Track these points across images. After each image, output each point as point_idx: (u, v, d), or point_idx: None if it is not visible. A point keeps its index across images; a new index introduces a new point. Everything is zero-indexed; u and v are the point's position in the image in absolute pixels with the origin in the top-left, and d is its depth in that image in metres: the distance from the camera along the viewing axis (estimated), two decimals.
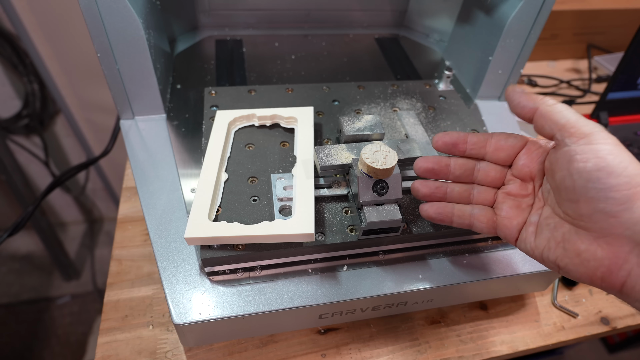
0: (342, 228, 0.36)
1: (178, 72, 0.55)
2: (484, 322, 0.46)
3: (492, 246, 0.40)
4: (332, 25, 0.69)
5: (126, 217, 0.53)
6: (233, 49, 0.61)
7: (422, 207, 0.34)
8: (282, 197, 0.36)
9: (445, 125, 0.47)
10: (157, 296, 0.45)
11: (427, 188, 0.33)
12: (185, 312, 0.33)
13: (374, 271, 0.37)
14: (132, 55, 0.42)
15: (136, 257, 0.49)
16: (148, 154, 0.44)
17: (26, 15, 0.79)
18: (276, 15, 0.66)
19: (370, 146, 0.33)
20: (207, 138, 0.42)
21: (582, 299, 0.50)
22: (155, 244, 0.37)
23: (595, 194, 0.24)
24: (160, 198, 0.40)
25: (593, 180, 0.24)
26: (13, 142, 0.99)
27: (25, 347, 1.13)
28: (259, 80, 0.56)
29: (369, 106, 0.48)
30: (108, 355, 0.40)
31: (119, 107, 0.46)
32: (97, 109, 0.96)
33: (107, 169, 1.12)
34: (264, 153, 0.41)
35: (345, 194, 0.38)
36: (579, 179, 0.25)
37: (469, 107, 0.52)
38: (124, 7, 0.39)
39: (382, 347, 0.43)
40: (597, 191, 0.24)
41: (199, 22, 0.64)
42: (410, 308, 0.41)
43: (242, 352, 0.41)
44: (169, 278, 0.35)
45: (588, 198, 0.24)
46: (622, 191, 0.23)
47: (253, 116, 0.43)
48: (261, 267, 0.36)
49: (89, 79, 0.90)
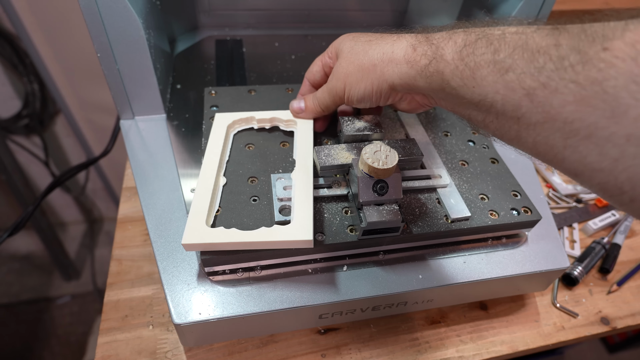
0: (342, 228, 0.36)
1: (178, 72, 0.55)
2: (484, 322, 0.46)
3: (492, 246, 0.40)
4: (332, 25, 0.69)
5: (126, 217, 0.53)
6: (233, 49, 0.61)
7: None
8: (282, 197, 0.36)
9: (445, 125, 0.47)
10: (157, 296, 0.45)
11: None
12: (185, 312, 0.33)
13: (374, 271, 0.37)
14: (132, 55, 0.42)
15: (136, 257, 0.49)
16: (148, 154, 0.44)
17: (26, 15, 0.79)
18: (276, 15, 0.66)
19: (370, 146, 0.33)
20: (207, 138, 0.42)
21: (582, 299, 0.50)
22: (155, 244, 0.37)
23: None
24: (160, 198, 0.40)
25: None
26: (13, 142, 0.99)
27: (25, 347, 1.13)
28: (259, 80, 0.56)
29: None
30: (108, 355, 0.40)
31: (119, 107, 0.46)
32: (97, 109, 0.96)
33: (107, 169, 1.12)
34: (264, 153, 0.41)
35: (345, 194, 0.38)
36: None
37: None
38: (124, 7, 0.39)
39: (382, 347, 0.43)
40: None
41: (199, 22, 0.64)
42: (410, 308, 0.41)
43: (242, 352, 0.41)
44: (169, 278, 0.35)
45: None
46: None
47: (252, 119, 0.43)
48: (261, 267, 0.36)
49: (89, 79, 0.90)
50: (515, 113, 0.23)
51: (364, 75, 0.33)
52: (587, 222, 0.57)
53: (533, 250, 0.41)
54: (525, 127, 0.23)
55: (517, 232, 0.41)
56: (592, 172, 0.21)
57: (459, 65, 0.26)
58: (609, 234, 0.56)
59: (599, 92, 0.19)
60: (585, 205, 0.60)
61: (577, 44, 0.20)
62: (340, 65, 0.35)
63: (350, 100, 0.35)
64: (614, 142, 0.19)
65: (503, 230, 0.40)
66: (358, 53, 0.34)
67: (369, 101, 0.34)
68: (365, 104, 0.35)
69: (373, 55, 0.32)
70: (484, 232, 0.39)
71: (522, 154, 0.25)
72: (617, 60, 0.19)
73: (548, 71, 0.21)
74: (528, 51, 0.22)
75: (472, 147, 0.45)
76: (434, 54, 0.28)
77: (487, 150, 0.45)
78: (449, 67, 0.27)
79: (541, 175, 0.64)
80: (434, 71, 0.28)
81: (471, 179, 0.41)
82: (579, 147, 0.21)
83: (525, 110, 0.23)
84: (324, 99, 0.38)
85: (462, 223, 0.37)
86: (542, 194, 0.46)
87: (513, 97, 0.23)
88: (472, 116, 0.27)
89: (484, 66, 0.24)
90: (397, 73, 0.30)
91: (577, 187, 0.61)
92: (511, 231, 0.41)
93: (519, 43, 0.23)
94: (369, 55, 0.33)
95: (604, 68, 0.19)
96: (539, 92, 0.22)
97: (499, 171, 0.43)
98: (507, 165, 0.43)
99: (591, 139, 0.20)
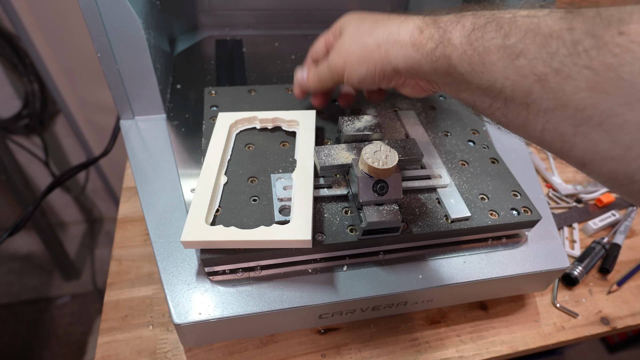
0: (342, 228, 0.36)
1: (178, 72, 0.55)
2: (484, 322, 0.46)
3: (492, 246, 0.40)
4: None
5: (126, 217, 0.53)
6: (233, 49, 0.61)
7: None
8: (282, 197, 0.36)
9: (445, 125, 0.47)
10: (157, 296, 0.45)
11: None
12: (185, 312, 0.33)
13: (374, 271, 0.37)
14: (132, 55, 0.42)
15: (136, 257, 0.49)
16: (148, 154, 0.44)
17: (26, 15, 0.79)
18: (276, 15, 0.66)
19: (370, 146, 0.33)
20: (207, 138, 0.42)
21: (582, 299, 0.50)
22: (155, 244, 0.37)
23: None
24: (160, 198, 0.40)
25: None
26: (13, 142, 0.99)
27: (25, 347, 1.13)
28: (259, 80, 0.56)
29: (369, 106, 0.48)
30: (108, 355, 0.40)
31: (119, 107, 0.46)
32: (97, 109, 0.96)
33: (107, 169, 1.12)
34: (264, 153, 0.41)
35: (345, 194, 0.38)
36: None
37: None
38: (124, 7, 0.39)
39: (382, 347, 0.43)
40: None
41: (199, 22, 0.64)
42: (410, 308, 0.41)
43: (242, 352, 0.41)
44: (169, 278, 0.35)
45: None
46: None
47: (255, 119, 0.43)
48: (261, 267, 0.36)
49: (89, 79, 0.90)
50: (525, 99, 0.22)
51: (367, 56, 0.32)
52: (587, 222, 0.57)
53: (533, 250, 0.41)
54: (534, 114, 0.22)
55: (517, 232, 0.41)
56: (602, 161, 0.20)
57: (467, 50, 0.25)
58: (609, 234, 0.56)
59: (613, 78, 0.18)
60: (585, 205, 0.60)
61: (591, 28, 0.20)
62: (343, 42, 0.34)
63: (350, 81, 0.34)
64: (627, 130, 0.19)
65: (503, 230, 0.40)
66: (363, 32, 0.32)
67: (371, 83, 0.33)
68: (366, 85, 0.34)
69: (378, 35, 0.31)
70: (484, 232, 0.39)
71: (524, 141, 0.25)
72: (633, 45, 0.18)
73: (561, 56, 0.20)
74: (540, 35, 0.22)
75: (472, 147, 0.45)
76: (441, 38, 0.27)
77: (487, 150, 0.45)
78: (457, 51, 0.26)
79: (541, 175, 0.64)
80: (441, 55, 0.27)
81: (471, 179, 0.41)
82: (590, 135, 0.20)
83: (536, 96, 0.22)
84: (323, 74, 0.37)
85: (462, 223, 0.37)
86: (542, 194, 0.46)
87: (524, 83, 0.22)
88: (477, 102, 0.26)
89: (494, 51, 0.24)
90: (402, 56, 0.30)
91: (577, 187, 0.61)
92: (511, 231, 0.41)
93: (531, 27, 0.22)
94: (374, 35, 0.31)
95: (619, 53, 0.18)
96: (551, 78, 0.21)
97: (499, 171, 0.43)
98: (507, 165, 0.43)
99: (603, 126, 0.19)
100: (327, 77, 0.37)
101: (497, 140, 0.49)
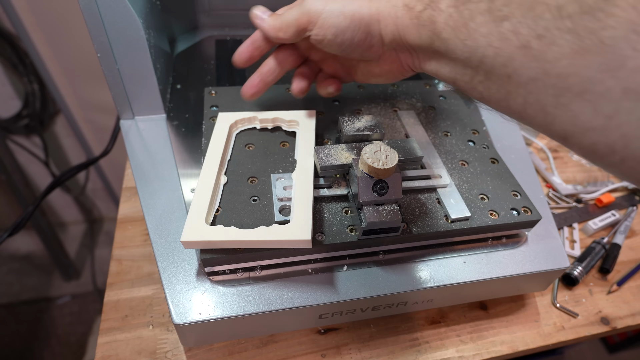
0: (342, 228, 0.36)
1: (178, 72, 0.55)
2: (484, 322, 0.46)
3: (492, 246, 0.40)
4: None
5: (126, 217, 0.53)
6: (233, 49, 0.61)
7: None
8: (282, 197, 0.36)
9: (445, 125, 0.47)
10: (157, 296, 0.45)
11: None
12: (185, 312, 0.33)
13: (374, 271, 0.37)
14: (132, 55, 0.42)
15: (136, 257, 0.49)
16: (148, 154, 0.44)
17: (26, 15, 0.79)
18: None
19: (370, 146, 0.33)
20: (207, 138, 0.42)
21: (582, 299, 0.50)
22: (155, 244, 0.37)
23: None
24: (160, 198, 0.40)
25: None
26: (13, 142, 0.99)
27: (25, 347, 1.13)
28: None
29: (369, 106, 0.48)
30: (108, 355, 0.40)
31: (119, 107, 0.46)
32: (97, 109, 0.96)
33: (107, 169, 1.12)
34: (264, 153, 0.41)
35: (345, 194, 0.38)
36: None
37: (469, 107, 0.52)
38: (124, 7, 0.39)
39: (382, 347, 0.43)
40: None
41: (199, 22, 0.64)
42: (410, 308, 0.41)
43: (242, 352, 0.41)
44: (169, 278, 0.35)
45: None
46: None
47: (255, 119, 0.43)
48: (261, 267, 0.36)
49: (89, 79, 0.90)
50: (506, 69, 0.22)
51: (355, 6, 0.29)
52: (587, 222, 0.57)
53: (533, 250, 0.41)
54: (515, 85, 0.22)
55: (517, 232, 0.41)
56: (583, 132, 0.20)
57: (453, 14, 0.25)
58: (609, 234, 0.57)
59: (596, 44, 0.18)
60: (585, 205, 0.60)
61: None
62: None
63: (322, 32, 0.30)
64: (609, 98, 0.18)
65: (503, 230, 0.40)
66: None
67: (349, 41, 0.30)
68: (340, 45, 0.30)
69: None
70: (484, 232, 0.39)
71: (507, 119, 0.24)
72: (616, 8, 0.18)
73: (545, 21, 0.20)
74: (526, 0, 0.21)
75: (472, 147, 0.45)
76: (430, 1, 0.27)
77: (487, 150, 0.45)
78: (442, 15, 0.26)
79: (541, 175, 0.64)
80: (427, 19, 0.27)
81: (471, 179, 0.41)
82: (570, 105, 0.20)
83: (518, 65, 0.22)
84: (289, 17, 0.32)
85: (462, 223, 0.37)
86: (542, 194, 0.46)
87: (506, 50, 0.22)
88: (458, 76, 0.26)
89: (478, 15, 0.23)
90: (392, 17, 0.29)
91: (577, 187, 0.61)
92: (511, 231, 0.41)
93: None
94: None
95: (602, 18, 0.18)
96: (534, 44, 0.21)
97: (499, 171, 0.43)
98: (507, 165, 0.43)
99: (585, 95, 0.19)
100: (291, 21, 0.31)
101: (497, 140, 0.49)
